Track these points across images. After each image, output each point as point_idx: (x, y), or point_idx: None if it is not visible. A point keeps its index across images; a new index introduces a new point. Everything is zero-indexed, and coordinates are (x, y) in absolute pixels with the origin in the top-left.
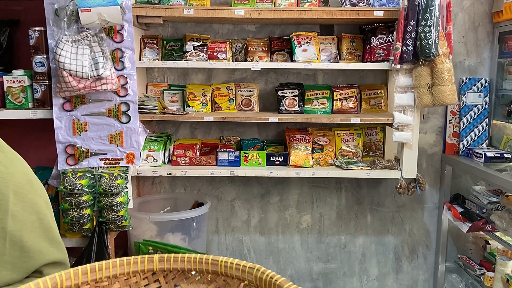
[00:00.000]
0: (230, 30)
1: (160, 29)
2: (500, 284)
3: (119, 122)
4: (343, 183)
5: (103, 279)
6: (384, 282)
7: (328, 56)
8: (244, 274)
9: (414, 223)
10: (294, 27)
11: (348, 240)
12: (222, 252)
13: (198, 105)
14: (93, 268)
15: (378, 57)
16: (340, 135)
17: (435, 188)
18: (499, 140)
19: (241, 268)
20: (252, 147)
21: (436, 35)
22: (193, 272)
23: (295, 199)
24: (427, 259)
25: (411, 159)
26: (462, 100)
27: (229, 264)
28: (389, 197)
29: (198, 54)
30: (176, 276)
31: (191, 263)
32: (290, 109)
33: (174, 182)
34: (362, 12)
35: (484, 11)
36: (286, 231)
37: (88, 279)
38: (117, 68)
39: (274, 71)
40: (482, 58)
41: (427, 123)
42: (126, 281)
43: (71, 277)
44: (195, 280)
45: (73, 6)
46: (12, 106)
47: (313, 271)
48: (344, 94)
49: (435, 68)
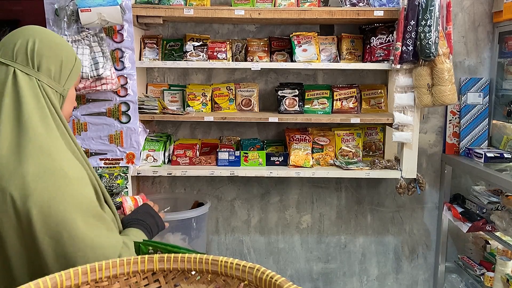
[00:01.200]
0: (230, 30)
1: (160, 29)
2: (500, 284)
3: (119, 122)
4: (343, 183)
5: (103, 279)
6: (384, 282)
7: (328, 56)
8: (244, 274)
9: (414, 223)
10: (294, 27)
11: (348, 240)
12: (222, 252)
13: (198, 105)
14: (93, 268)
15: (378, 57)
16: (340, 135)
17: (435, 188)
18: (499, 140)
19: (241, 268)
20: (252, 147)
21: (436, 35)
22: (193, 272)
23: (295, 199)
24: (427, 259)
25: (411, 159)
26: (462, 100)
27: (229, 264)
28: (389, 197)
29: (198, 54)
30: (176, 276)
31: (191, 263)
32: (290, 109)
33: (174, 182)
34: (362, 12)
35: (484, 11)
36: (286, 231)
37: (88, 279)
38: (117, 68)
39: (274, 71)
40: (482, 58)
41: (427, 123)
42: (126, 281)
43: (71, 277)
44: (195, 280)
45: (73, 6)
46: None
47: (313, 271)
48: (344, 94)
49: (435, 68)
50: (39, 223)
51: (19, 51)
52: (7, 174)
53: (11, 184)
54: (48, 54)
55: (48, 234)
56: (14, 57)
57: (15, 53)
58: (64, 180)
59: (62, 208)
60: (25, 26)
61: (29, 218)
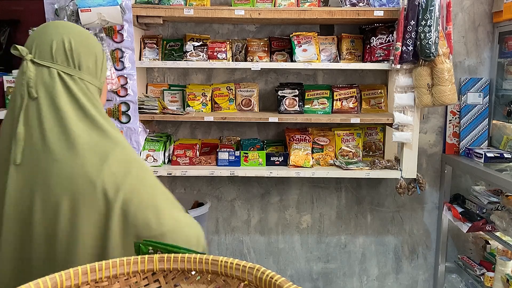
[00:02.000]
0: (230, 30)
1: (160, 29)
2: (500, 284)
3: (119, 122)
4: (343, 183)
5: (103, 279)
6: (384, 282)
7: (328, 56)
8: (244, 274)
9: (414, 223)
10: (294, 27)
11: (348, 240)
12: (222, 252)
13: (198, 105)
14: (93, 268)
15: (378, 57)
16: (340, 135)
17: (435, 188)
18: (499, 140)
19: (241, 268)
20: (252, 147)
21: (436, 35)
22: (193, 272)
23: (295, 199)
24: (427, 259)
25: (411, 159)
26: (462, 100)
27: (229, 264)
28: (389, 197)
29: (198, 54)
30: (176, 276)
31: (191, 263)
32: (290, 109)
33: (174, 182)
34: (362, 12)
35: (484, 11)
36: (286, 231)
37: (88, 279)
38: (117, 68)
39: (274, 71)
40: (482, 58)
41: (427, 123)
42: (126, 281)
43: (71, 277)
44: (195, 280)
45: (73, 6)
46: None
47: (313, 271)
48: (344, 94)
49: (435, 68)
50: (132, 211)
51: (58, 52)
52: (94, 169)
53: (101, 177)
54: (84, 51)
55: (139, 221)
56: (53, 58)
57: (53, 54)
58: (142, 169)
59: (147, 195)
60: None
61: (123, 208)
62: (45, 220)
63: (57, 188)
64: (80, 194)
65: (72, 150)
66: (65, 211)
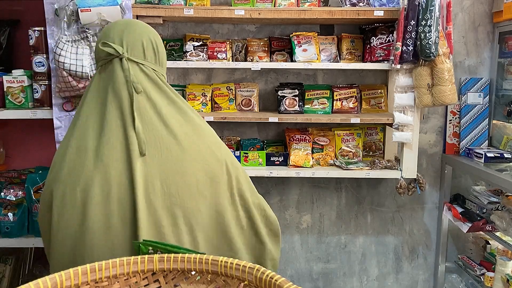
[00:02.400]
0: (230, 30)
1: (160, 29)
2: (500, 284)
3: None
4: (343, 183)
5: (103, 279)
6: (384, 282)
7: (328, 56)
8: (244, 274)
9: (414, 223)
10: (294, 27)
11: (348, 240)
12: None
13: (198, 105)
14: (93, 268)
15: (378, 57)
16: (340, 135)
17: (435, 188)
18: (499, 140)
19: (241, 268)
20: (252, 147)
21: (436, 35)
22: (193, 272)
23: (295, 199)
24: (427, 259)
25: (411, 159)
26: (462, 100)
27: (229, 264)
28: (389, 197)
29: (198, 54)
30: (176, 276)
31: (191, 263)
32: (290, 109)
33: None
34: (362, 12)
35: (484, 11)
36: (286, 231)
37: (88, 279)
38: None
39: (274, 71)
40: (482, 58)
41: (427, 123)
42: (126, 281)
43: (71, 277)
44: (195, 280)
45: (73, 6)
46: (12, 106)
47: (313, 271)
48: (344, 94)
49: (435, 68)
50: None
51: (147, 50)
52: (216, 147)
53: (223, 154)
54: (162, 50)
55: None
56: (145, 56)
57: (145, 52)
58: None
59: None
60: (131, 21)
61: (238, 179)
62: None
63: (193, 168)
64: (213, 172)
65: (196, 134)
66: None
